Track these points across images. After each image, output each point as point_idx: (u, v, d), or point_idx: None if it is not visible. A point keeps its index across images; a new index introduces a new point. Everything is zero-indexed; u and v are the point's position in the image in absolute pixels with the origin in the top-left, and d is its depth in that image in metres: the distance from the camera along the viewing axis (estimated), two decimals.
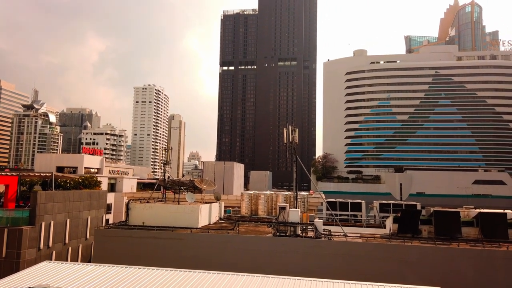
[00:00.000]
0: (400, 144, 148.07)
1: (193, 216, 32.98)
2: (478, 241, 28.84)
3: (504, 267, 25.90)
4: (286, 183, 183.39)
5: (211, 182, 42.74)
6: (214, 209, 37.55)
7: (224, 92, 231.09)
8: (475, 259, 26.48)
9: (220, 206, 39.76)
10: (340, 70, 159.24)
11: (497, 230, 30.02)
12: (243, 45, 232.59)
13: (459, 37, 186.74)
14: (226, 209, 42.73)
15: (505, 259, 26.10)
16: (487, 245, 27.82)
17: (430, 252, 27.16)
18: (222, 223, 36.70)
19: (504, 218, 31.12)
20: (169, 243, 29.89)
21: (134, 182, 71.99)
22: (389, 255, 27.33)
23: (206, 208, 35.14)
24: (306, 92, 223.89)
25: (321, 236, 29.16)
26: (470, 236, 30.09)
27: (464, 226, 30.79)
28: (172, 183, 40.89)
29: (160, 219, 32.81)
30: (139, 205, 34.24)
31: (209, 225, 34.98)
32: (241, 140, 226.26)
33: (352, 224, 40.00)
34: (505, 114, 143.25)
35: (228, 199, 52.70)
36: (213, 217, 37.05)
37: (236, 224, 31.75)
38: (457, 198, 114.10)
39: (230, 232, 30.61)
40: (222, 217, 39.90)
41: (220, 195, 41.99)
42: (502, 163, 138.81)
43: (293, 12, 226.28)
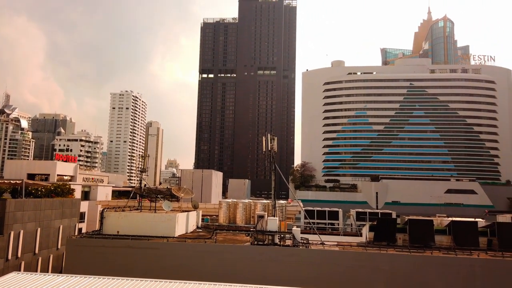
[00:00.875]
0: (376, 154, 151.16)
1: (170, 225, 32.42)
2: (450, 249, 29.59)
3: (474, 274, 26.63)
4: (264, 192, 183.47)
5: (188, 190, 42.24)
6: (192, 217, 37.06)
7: (203, 99, 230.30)
8: (448, 267, 27.12)
9: (197, 214, 39.29)
10: (318, 80, 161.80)
11: (469, 238, 30.91)
12: (223, 53, 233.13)
13: (432, 51, 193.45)
14: (203, 218, 42.27)
15: (476, 267, 26.86)
16: (459, 252, 28.58)
17: (405, 260, 27.66)
18: (200, 232, 36.24)
19: (475, 226, 32.10)
20: (145, 252, 29.22)
21: (109, 190, 70.28)
22: (365, 263, 27.65)
23: (183, 217, 34.63)
24: (285, 101, 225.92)
25: (298, 245, 29.22)
26: (443, 244, 30.84)
27: (437, 234, 31.56)
28: (148, 191, 40.17)
29: (135, 228, 32.07)
30: (113, 213, 33.38)
31: (186, 234, 34.46)
32: (220, 148, 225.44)
33: (329, 232, 40.33)
34: (475, 126, 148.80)
35: (206, 208, 52.16)
36: (191, 225, 36.55)
37: (213, 233, 31.41)
38: (431, 207, 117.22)
39: (207, 241, 30.24)
40: (200, 225, 39.42)
41: (197, 203, 41.53)
42: (473, 173, 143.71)
43: (273, 22, 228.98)
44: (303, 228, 39.24)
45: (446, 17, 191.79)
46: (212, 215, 45.27)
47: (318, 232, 32.29)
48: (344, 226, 45.55)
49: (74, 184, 58.06)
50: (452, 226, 31.77)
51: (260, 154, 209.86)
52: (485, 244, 30.67)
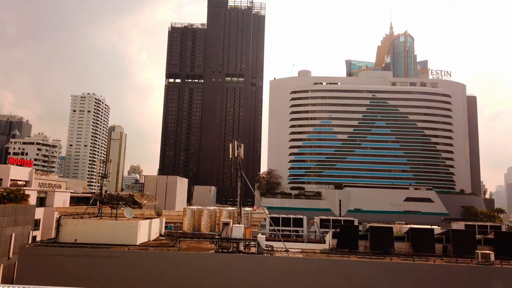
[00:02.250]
0: (340, 162, 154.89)
1: (132, 232, 31.41)
2: (408, 255, 30.68)
3: (431, 279, 27.73)
4: (230, 198, 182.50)
5: (152, 197, 41.21)
6: (155, 225, 36.13)
7: (169, 104, 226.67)
8: (406, 273, 28.08)
9: (161, 222, 38.37)
10: (285, 89, 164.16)
11: (426, 244, 32.22)
12: (190, 59, 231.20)
13: (393, 64, 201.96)
14: (167, 225, 41.34)
15: (432, 272, 27.99)
16: (417, 259, 29.69)
17: (366, 266, 28.35)
18: (163, 240, 35.39)
19: (431, 233, 33.53)
20: (104, 261, 28.08)
21: (67, 196, 67.23)
22: (329, 270, 28.07)
23: (145, 224, 33.70)
24: (253, 109, 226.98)
25: (263, 252, 29.21)
26: (402, 251, 31.94)
27: (397, 241, 32.66)
28: (109, 197, 38.78)
29: (95, 236, 30.80)
30: (71, 220, 31.92)
31: (148, 242, 33.52)
32: (186, 154, 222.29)
33: (293, 239, 40.67)
34: (432, 137, 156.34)
35: (170, 215, 51.10)
36: (153, 233, 35.61)
37: (177, 241, 30.77)
38: (390, 214, 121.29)
39: (170, 249, 29.56)
40: (163, 233, 38.50)
41: (161, 210, 40.60)
42: (430, 182, 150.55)
43: (241, 29, 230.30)
44: (268, 235, 39.33)
45: (406, 33, 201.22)
46: (176, 223, 44.38)
47: (282, 239, 32.46)
48: (308, 233, 46.12)
49: (29, 189, 55.05)
50: (410, 233, 33.01)
51: (226, 161, 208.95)
52: (440, 250, 32.07)
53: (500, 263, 28.79)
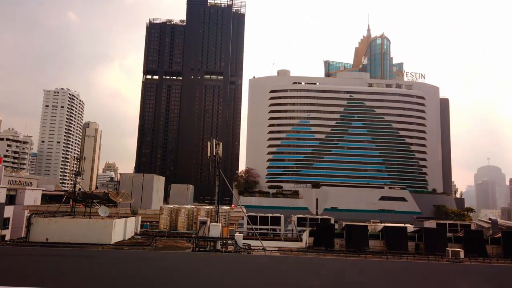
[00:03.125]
0: (317, 161, 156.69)
1: (106, 231, 30.75)
2: (383, 253, 31.39)
3: (404, 276, 28.45)
4: (208, 197, 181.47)
5: (127, 195, 40.47)
6: (130, 224, 35.49)
7: (146, 101, 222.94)
8: (380, 270, 28.70)
9: (136, 220, 37.73)
10: (264, 88, 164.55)
11: (399, 242, 33.06)
12: (169, 55, 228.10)
13: (370, 66, 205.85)
14: (143, 224, 40.71)
15: (405, 269, 28.72)
16: (390, 256, 30.40)
17: (342, 264, 28.80)
18: (138, 239, 34.83)
19: (404, 231, 34.42)
20: (77, 261, 27.35)
21: (38, 194, 65.06)
22: (305, 268, 28.34)
23: (121, 223, 33.05)
24: (232, 107, 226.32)
25: (240, 251, 29.22)
26: (376, 249, 32.65)
27: (371, 239, 33.36)
28: (83, 195, 37.83)
29: (67, 235, 29.96)
30: (43, 219, 30.93)
31: (123, 241, 32.91)
32: (163, 152, 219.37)
33: (271, 238, 40.89)
34: (407, 138, 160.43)
35: (146, 213, 50.32)
36: (129, 232, 34.98)
37: (153, 240, 30.34)
38: (366, 213, 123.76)
39: (146, 248, 29.12)
40: (139, 232, 37.88)
41: (137, 209, 39.93)
42: (404, 181, 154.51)
43: (221, 27, 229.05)
44: (245, 234, 39.37)
45: (383, 35, 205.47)
46: (152, 221, 43.79)
47: (260, 238, 32.56)
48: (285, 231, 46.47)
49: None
50: (385, 232, 33.78)
51: (204, 159, 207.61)
52: (413, 248, 32.98)
53: (469, 261, 29.86)
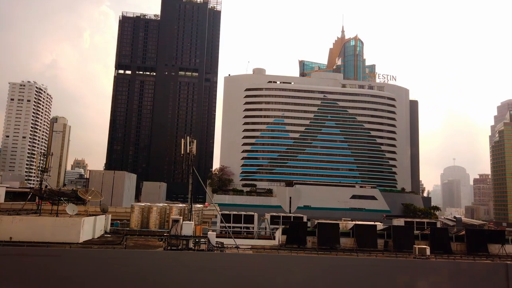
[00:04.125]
0: (291, 160, 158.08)
1: (74, 230, 29.80)
2: (353, 250, 32.07)
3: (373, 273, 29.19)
4: (181, 195, 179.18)
5: (97, 193, 39.39)
6: (100, 222, 34.57)
7: (118, 96, 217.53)
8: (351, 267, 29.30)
9: (106, 219, 36.79)
10: (240, 86, 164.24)
11: (369, 240, 33.87)
12: (142, 50, 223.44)
13: (344, 67, 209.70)
14: (113, 222, 39.78)
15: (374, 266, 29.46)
16: (360, 254, 31.11)
17: (313, 262, 29.18)
18: (108, 238, 33.99)
19: (374, 229, 35.31)
20: (43, 261, 26.27)
21: (2, 191, 62.31)
22: (277, 265, 28.48)
23: (90, 221, 32.13)
24: (206, 104, 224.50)
25: (213, 249, 29.07)
26: (347, 246, 33.32)
27: (343, 237, 34.02)
28: (50, 193, 36.50)
29: (33, 233, 28.80)
30: (6, 217, 29.62)
31: (92, 239, 32.02)
32: (135, 149, 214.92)
33: (244, 236, 40.92)
34: (378, 138, 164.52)
35: (117, 212, 49.20)
36: (98, 231, 34.05)
37: (124, 238, 29.69)
38: (338, 211, 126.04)
39: (116, 246, 28.46)
40: (109, 231, 36.97)
41: (107, 207, 38.97)
42: (374, 180, 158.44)
43: (196, 23, 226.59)
44: (219, 232, 39.21)
45: (357, 37, 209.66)
46: (123, 220, 42.89)
47: (233, 236, 32.50)
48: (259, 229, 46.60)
49: None
50: (355, 229, 34.53)
51: (178, 156, 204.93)
52: (382, 245, 33.89)
53: (435, 257, 31.02)
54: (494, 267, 23.97)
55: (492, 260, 31.08)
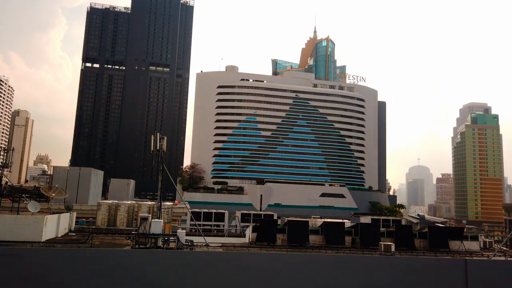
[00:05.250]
0: (263, 158, 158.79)
1: (36, 228, 28.61)
2: (321, 248, 32.66)
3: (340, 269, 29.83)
4: (150, 193, 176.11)
5: (62, 190, 37.96)
6: (64, 220, 33.37)
7: (85, 91, 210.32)
8: (319, 264, 29.81)
9: (71, 217, 35.58)
10: (212, 83, 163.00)
11: (337, 237, 34.59)
12: (111, 43, 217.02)
13: (316, 67, 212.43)
14: (78, 220, 38.52)
15: (341, 263, 30.12)
16: (329, 251, 31.73)
17: (283, 259, 29.47)
18: (73, 236, 32.88)
19: (342, 227, 36.10)
20: (3, 260, 25.08)
21: None
22: (248, 263, 28.57)
23: (53, 219, 30.94)
24: (178, 101, 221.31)
25: (182, 247, 28.76)
26: (316, 243, 33.88)
27: (312, 234, 34.55)
28: (11, 189, 34.84)
29: None
30: None
31: (55, 238, 30.87)
32: (103, 144, 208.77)
33: (214, 234, 40.74)
34: (347, 137, 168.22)
35: (82, 209, 47.75)
36: (62, 229, 32.87)
37: (89, 237, 28.81)
38: (307, 209, 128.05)
39: (81, 245, 27.56)
40: (73, 229, 35.76)
41: (72, 204, 37.68)
42: (343, 179, 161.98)
43: (168, 18, 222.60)
44: (189, 230, 38.83)
45: (329, 38, 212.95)
46: (89, 218, 41.61)
47: (203, 234, 32.28)
48: (229, 227, 46.55)
49: None
50: (324, 227, 35.17)
51: (147, 153, 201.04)
52: (349, 242, 34.71)
53: (399, 253, 32.11)
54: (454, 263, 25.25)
55: (452, 256, 32.54)
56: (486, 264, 31.97)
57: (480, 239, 38.29)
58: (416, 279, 31.67)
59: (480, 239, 38.24)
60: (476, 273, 30.75)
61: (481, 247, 37.06)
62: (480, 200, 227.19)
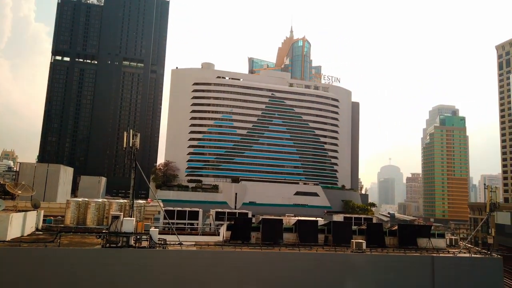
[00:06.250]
0: (238, 156, 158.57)
1: (1, 226, 27.45)
2: (295, 245, 32.97)
3: (314, 266, 30.23)
4: (122, 190, 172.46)
5: (28, 187, 36.56)
6: (30, 218, 32.15)
7: (55, 84, 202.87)
8: (293, 261, 30.09)
9: (38, 215, 34.30)
10: (188, 80, 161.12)
11: (310, 235, 35.03)
12: (83, 37, 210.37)
13: (292, 66, 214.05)
14: (46, 219, 37.20)
15: (314, 260, 30.54)
16: (302, 248, 32.06)
17: (257, 257, 29.56)
18: (40, 235, 31.72)
19: (315, 225, 36.58)
20: None
21: None
22: (221, 261, 28.48)
23: (18, 218, 29.75)
24: (152, 97, 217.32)
25: (155, 246, 28.32)
26: (290, 241, 34.17)
27: (286, 232, 34.83)
28: None
29: None
30: None
31: (22, 237, 29.67)
32: (72, 141, 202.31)
33: (188, 232, 40.34)
34: (321, 137, 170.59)
35: (50, 207, 46.14)
36: (28, 228, 31.66)
37: (57, 236, 27.85)
38: (282, 207, 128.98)
39: (48, 244, 26.62)
40: (41, 227, 34.50)
41: (39, 202, 36.33)
42: (317, 177, 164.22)
43: (143, 12, 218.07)
44: (162, 229, 38.29)
45: (305, 38, 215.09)
46: (57, 216, 40.26)
47: (177, 233, 31.88)
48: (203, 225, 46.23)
49: None
50: (298, 225, 35.53)
51: (120, 150, 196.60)
52: (322, 240, 35.24)
53: (370, 251, 32.87)
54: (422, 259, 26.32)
55: (420, 253, 33.61)
56: (451, 261, 33.28)
57: (447, 237, 39.76)
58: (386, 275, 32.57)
59: (446, 236, 39.72)
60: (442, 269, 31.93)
61: (447, 244, 38.50)
62: (447, 199, 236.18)
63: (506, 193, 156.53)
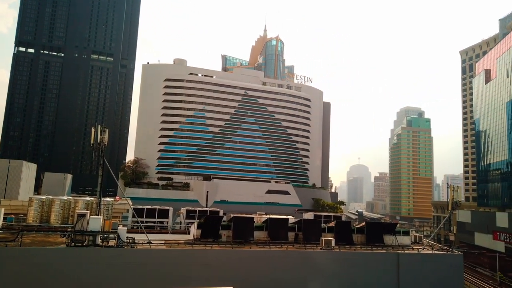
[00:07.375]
0: (210, 154, 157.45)
1: None
2: (266, 243, 33.16)
3: (284, 264, 30.52)
4: (89, 188, 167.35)
5: None
6: None
7: (18, 77, 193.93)
8: (263, 259, 30.24)
9: None
10: (159, 76, 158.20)
11: (281, 233, 35.33)
12: (49, 28, 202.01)
13: (265, 65, 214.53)
14: (6, 217, 35.48)
15: (285, 258, 30.84)
16: (273, 246, 32.29)
17: (227, 255, 29.49)
18: (0, 234, 30.22)
19: (286, 223, 36.92)
20: None
21: None
22: (192, 260, 28.21)
23: None
24: (122, 92, 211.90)
25: (123, 245, 27.67)
26: (261, 239, 34.32)
27: (257, 230, 34.96)
28: None
29: None
30: None
31: None
32: (36, 136, 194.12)
33: (158, 231, 39.71)
34: (293, 136, 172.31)
35: (11, 205, 44.09)
36: None
37: (19, 235, 26.65)
38: (253, 205, 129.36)
39: (9, 244, 25.43)
40: (1, 226, 32.87)
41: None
42: (288, 176, 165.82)
43: (113, 5, 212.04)
44: (130, 227, 37.49)
45: (278, 37, 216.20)
46: (19, 214, 38.50)
47: (146, 231, 31.29)
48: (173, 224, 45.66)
49: None
50: (269, 223, 35.74)
51: (87, 146, 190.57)
52: (293, 238, 35.63)
53: (339, 248, 33.56)
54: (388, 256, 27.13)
55: (387, 250, 34.67)
56: (416, 257, 34.56)
57: (411, 234, 41.24)
58: (354, 272, 33.37)
59: (411, 234, 41.19)
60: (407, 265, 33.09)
61: (412, 241, 39.93)
62: (412, 198, 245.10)
63: (467, 192, 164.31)
